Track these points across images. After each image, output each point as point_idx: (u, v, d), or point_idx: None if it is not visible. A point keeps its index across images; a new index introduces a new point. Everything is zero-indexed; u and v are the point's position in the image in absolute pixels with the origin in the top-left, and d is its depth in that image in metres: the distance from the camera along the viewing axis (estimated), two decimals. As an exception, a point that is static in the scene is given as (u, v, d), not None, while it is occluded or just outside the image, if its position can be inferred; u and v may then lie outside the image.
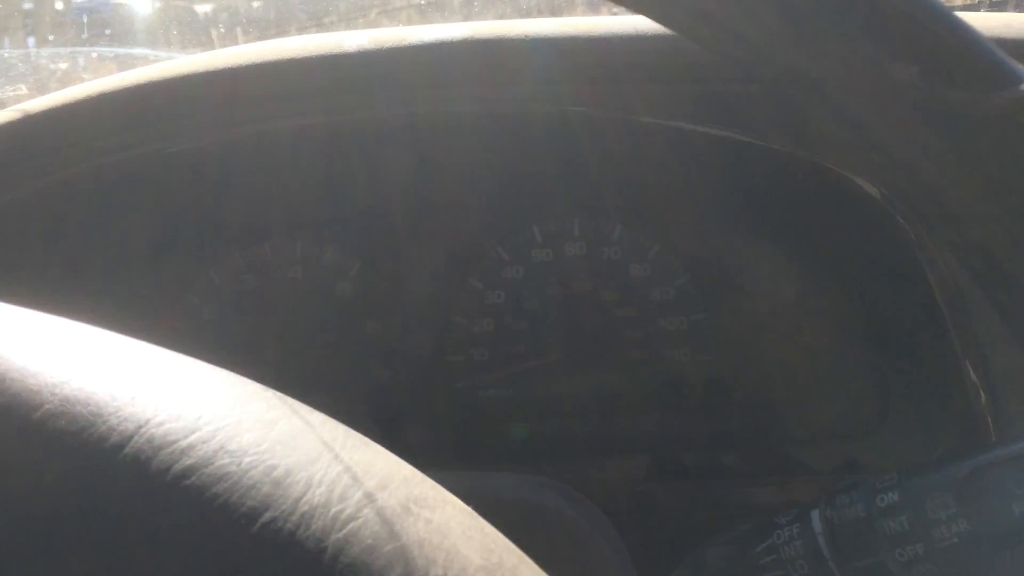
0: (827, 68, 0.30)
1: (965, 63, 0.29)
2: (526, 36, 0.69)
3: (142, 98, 0.76)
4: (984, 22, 0.69)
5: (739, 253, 0.98)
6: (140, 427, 0.29)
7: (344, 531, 0.29)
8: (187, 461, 0.29)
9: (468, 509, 0.35)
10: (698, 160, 0.87)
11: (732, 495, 0.86)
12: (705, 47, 0.33)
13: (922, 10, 0.29)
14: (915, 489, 0.50)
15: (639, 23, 0.69)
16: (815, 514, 0.54)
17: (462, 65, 0.70)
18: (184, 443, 0.29)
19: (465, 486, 0.64)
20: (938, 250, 0.73)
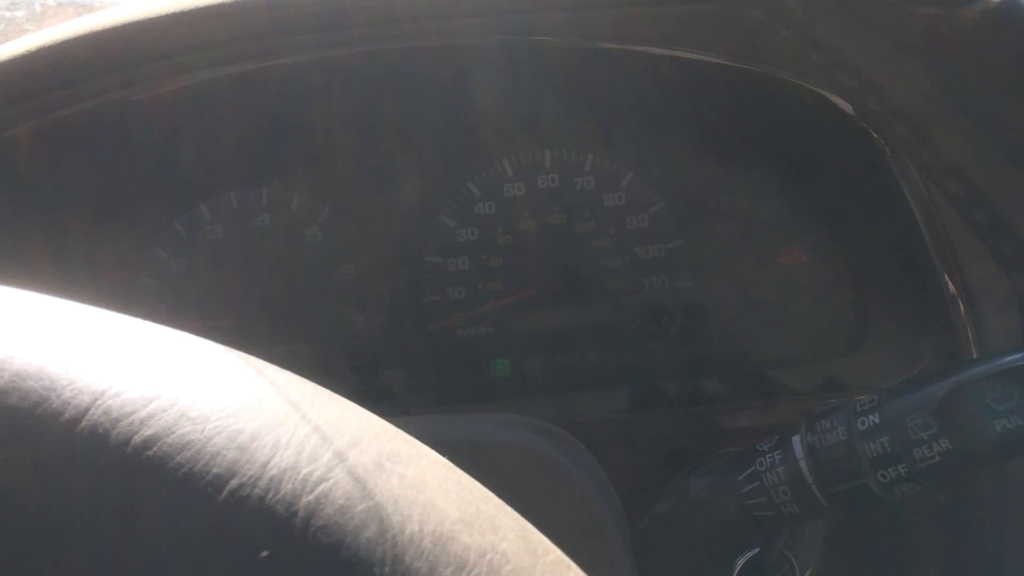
0: None
1: None
2: None
3: (95, 47, 0.73)
4: None
5: (714, 177, 0.97)
6: (96, 399, 0.28)
7: (315, 493, 0.28)
8: (147, 431, 0.28)
9: (444, 460, 0.35)
10: (668, 85, 0.85)
11: (714, 421, 0.86)
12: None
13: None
14: (895, 410, 0.49)
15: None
16: (796, 440, 0.54)
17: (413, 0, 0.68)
18: (143, 412, 0.28)
19: (444, 430, 0.64)
20: (914, 164, 0.72)
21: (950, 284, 0.77)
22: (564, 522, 0.57)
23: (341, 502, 0.28)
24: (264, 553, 0.26)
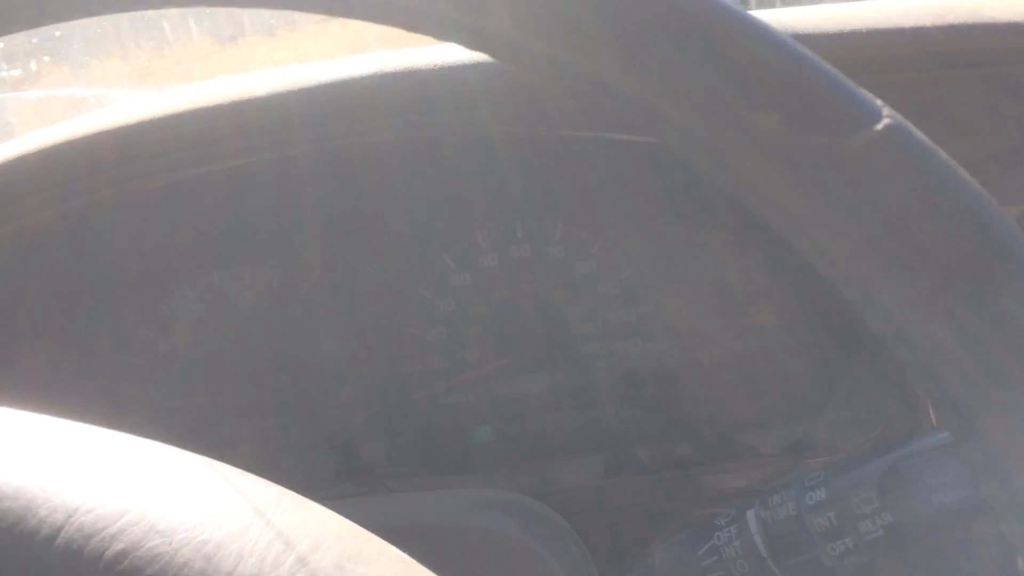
0: (690, 120, 0.31)
1: (822, 106, 0.30)
2: (436, 66, 0.69)
3: (81, 150, 0.77)
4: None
5: (682, 242, 0.99)
6: (70, 516, 0.30)
7: (277, 600, 0.30)
8: (118, 546, 0.29)
9: (404, 557, 0.36)
10: (631, 159, 0.88)
11: (687, 485, 0.88)
12: (575, 94, 0.34)
13: (780, 56, 0.30)
14: (840, 486, 0.52)
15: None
16: (751, 514, 0.56)
17: (378, 98, 0.71)
18: (114, 528, 0.30)
19: (410, 513, 0.65)
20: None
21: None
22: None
23: (302, 608, 0.30)
24: None
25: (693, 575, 0.58)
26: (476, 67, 0.70)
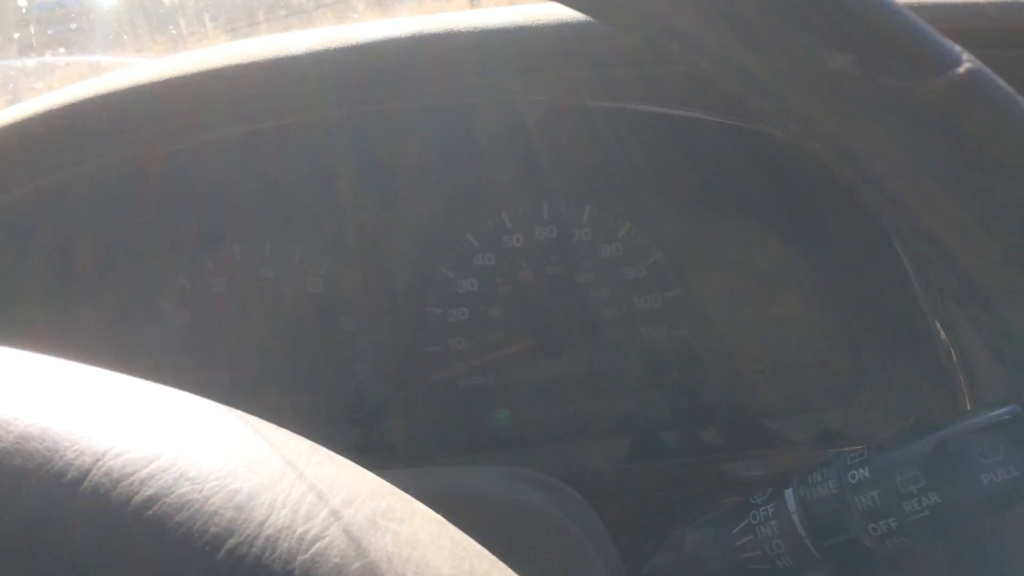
0: (761, 59, 0.30)
1: (901, 49, 0.29)
2: (474, 29, 0.68)
3: (108, 108, 0.76)
4: None
5: (710, 228, 0.98)
6: (98, 460, 0.29)
7: (311, 552, 0.29)
8: (147, 492, 0.28)
9: (438, 517, 0.35)
10: (663, 138, 0.87)
11: (712, 471, 0.86)
12: (640, 39, 0.32)
13: (857, -2, 0.29)
14: (884, 464, 0.50)
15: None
16: (789, 493, 0.54)
17: (412, 62, 0.69)
18: (143, 473, 0.29)
19: (440, 483, 0.64)
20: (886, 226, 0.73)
21: (942, 333, 0.77)
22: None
23: (336, 560, 0.29)
24: None
25: (726, 555, 0.56)
26: (510, 32, 0.68)
